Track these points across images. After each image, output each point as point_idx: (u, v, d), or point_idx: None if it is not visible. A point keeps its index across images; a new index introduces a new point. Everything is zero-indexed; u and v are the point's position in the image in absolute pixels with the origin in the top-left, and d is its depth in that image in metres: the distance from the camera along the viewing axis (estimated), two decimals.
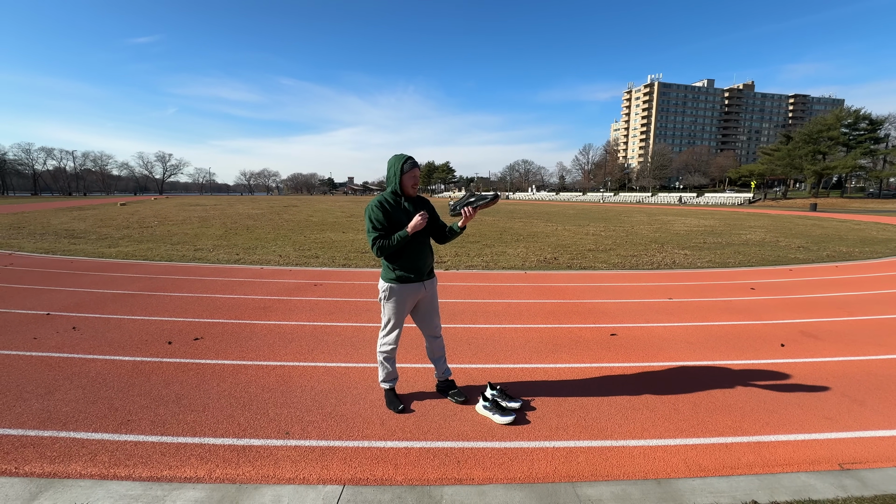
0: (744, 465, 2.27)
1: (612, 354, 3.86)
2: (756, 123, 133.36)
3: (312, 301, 5.61)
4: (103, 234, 14.13)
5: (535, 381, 3.31)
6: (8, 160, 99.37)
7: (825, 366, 3.63)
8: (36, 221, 18.74)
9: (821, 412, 2.82)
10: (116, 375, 3.29)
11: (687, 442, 2.48)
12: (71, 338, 4.09)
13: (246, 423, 2.63)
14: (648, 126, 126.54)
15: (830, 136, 56.34)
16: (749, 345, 4.13)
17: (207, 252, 10.21)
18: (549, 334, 4.40)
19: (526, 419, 2.73)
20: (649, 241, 13.46)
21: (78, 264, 8.39)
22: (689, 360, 3.73)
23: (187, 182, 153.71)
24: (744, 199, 56.87)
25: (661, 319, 4.95)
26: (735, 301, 5.83)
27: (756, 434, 2.56)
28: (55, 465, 2.21)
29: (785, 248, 11.62)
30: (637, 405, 2.92)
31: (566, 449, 2.41)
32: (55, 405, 2.81)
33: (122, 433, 2.50)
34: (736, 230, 17.23)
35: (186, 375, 3.31)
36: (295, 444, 2.42)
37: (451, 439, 2.50)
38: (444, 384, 3.05)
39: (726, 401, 2.99)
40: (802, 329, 4.61)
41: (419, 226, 2.63)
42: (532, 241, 13.00)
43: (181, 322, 4.64)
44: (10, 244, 11.36)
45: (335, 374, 3.39)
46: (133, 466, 2.21)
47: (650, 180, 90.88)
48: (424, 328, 2.93)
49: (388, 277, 2.76)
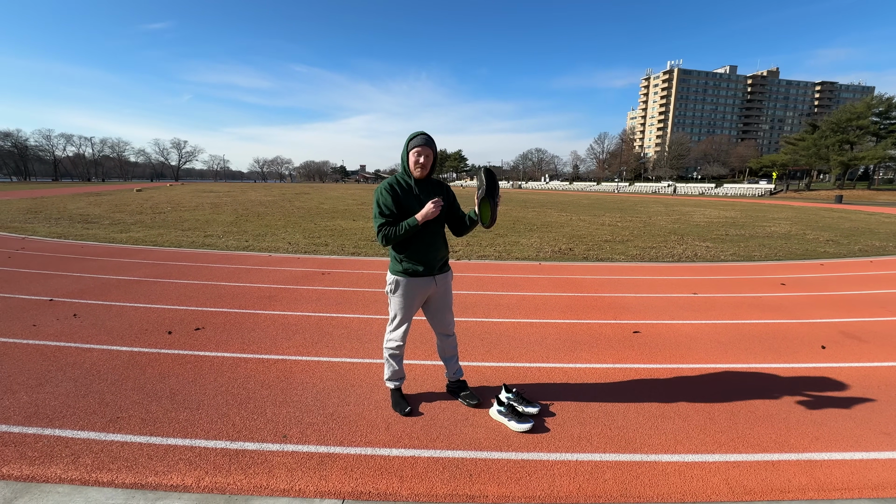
0: (795, 488, 2.00)
1: (637, 354, 3.58)
2: (780, 112, 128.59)
3: (319, 290, 5.42)
4: (116, 219, 14.19)
5: (553, 382, 3.05)
6: (30, 146, 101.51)
7: (874, 372, 3.30)
8: (53, 206, 18.98)
9: (877, 426, 2.52)
10: (111, 367, 3.13)
11: (727, 458, 2.21)
12: (70, 326, 3.97)
13: (241, 424, 2.44)
14: (666, 114, 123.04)
15: (860, 124, 53.98)
16: (786, 346, 3.81)
17: (217, 238, 10.12)
18: (568, 330, 4.13)
19: (545, 426, 2.48)
20: (668, 232, 12.99)
21: (88, 249, 8.35)
22: (722, 363, 3.43)
23: (202, 169, 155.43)
24: (765, 189, 55.13)
25: (687, 316, 4.64)
26: (766, 297, 5.46)
27: (805, 451, 2.28)
28: (34, 467, 2.04)
29: (813, 242, 11.07)
30: (668, 413, 2.65)
31: (591, 463, 2.16)
32: (44, 399, 2.66)
33: (109, 432, 2.33)
34: (759, 222, 16.58)
35: (183, 368, 3.14)
36: (292, 450, 2.22)
37: (463, 448, 2.27)
38: (455, 385, 2.82)
39: (767, 410, 2.70)
40: (843, 329, 4.26)
41: (431, 214, 2.36)
42: (546, 231, 12.64)
43: (183, 311, 4.49)
44: (24, 228, 11.44)
45: (339, 369, 3.18)
46: (117, 471, 2.03)
47: (667, 170, 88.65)
48: (435, 325, 2.68)
49: (395, 270, 2.52)
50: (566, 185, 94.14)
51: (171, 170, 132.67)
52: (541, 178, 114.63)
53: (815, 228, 14.35)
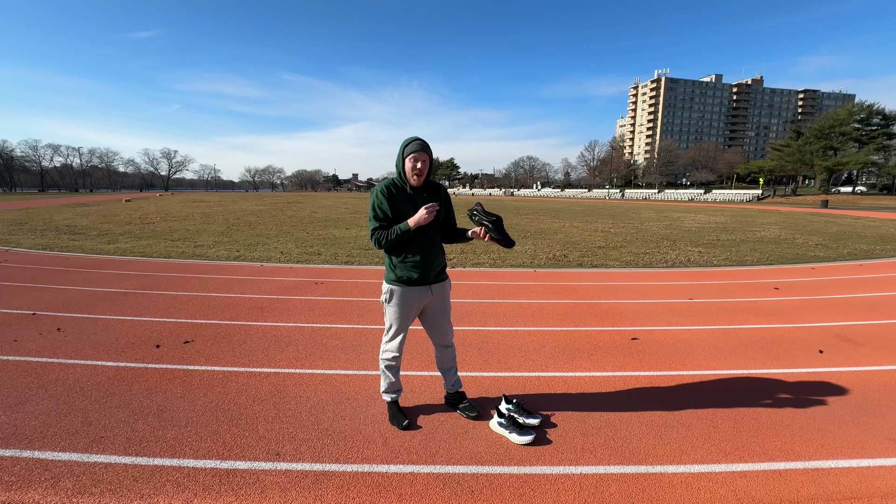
0: (804, 498, 1.95)
1: (636, 361, 3.54)
2: (765, 119, 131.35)
3: (312, 301, 5.32)
4: (104, 230, 13.94)
5: (553, 392, 2.99)
6: (15, 157, 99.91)
7: (873, 376, 3.28)
8: (39, 217, 18.62)
9: (881, 432, 2.49)
10: (96, 383, 3.01)
11: (733, 468, 2.16)
12: (53, 340, 3.83)
13: (232, 442, 2.34)
14: (655, 122, 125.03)
15: (842, 131, 55.17)
16: (784, 350, 3.79)
17: (207, 249, 9.96)
18: (565, 338, 4.08)
19: (547, 438, 2.42)
20: (661, 237, 13.07)
21: (73, 261, 8.16)
22: (721, 369, 3.40)
23: (193, 179, 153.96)
24: (752, 195, 56.00)
25: (684, 322, 4.62)
26: (761, 302, 5.47)
27: (812, 458, 2.24)
28: (11, 492, 1.93)
29: (802, 246, 11.20)
30: (670, 422, 2.60)
31: (595, 476, 2.10)
32: (23, 418, 2.54)
33: (92, 453, 2.22)
34: (749, 227, 16.77)
35: (172, 384, 3.03)
36: (286, 468, 2.13)
37: (463, 463, 2.20)
38: (453, 396, 2.74)
39: (770, 417, 2.66)
40: (839, 333, 4.26)
41: (423, 220, 2.31)
42: (540, 238, 12.65)
43: (172, 323, 4.37)
44: (8, 240, 11.17)
45: (334, 382, 3.09)
46: (100, 495, 1.92)
47: (657, 177, 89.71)
48: (433, 335, 2.62)
49: (390, 279, 2.46)
50: (558, 192, 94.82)
51: (161, 180, 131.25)
52: (532, 185, 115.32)
53: (804, 233, 14.54)
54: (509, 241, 2.45)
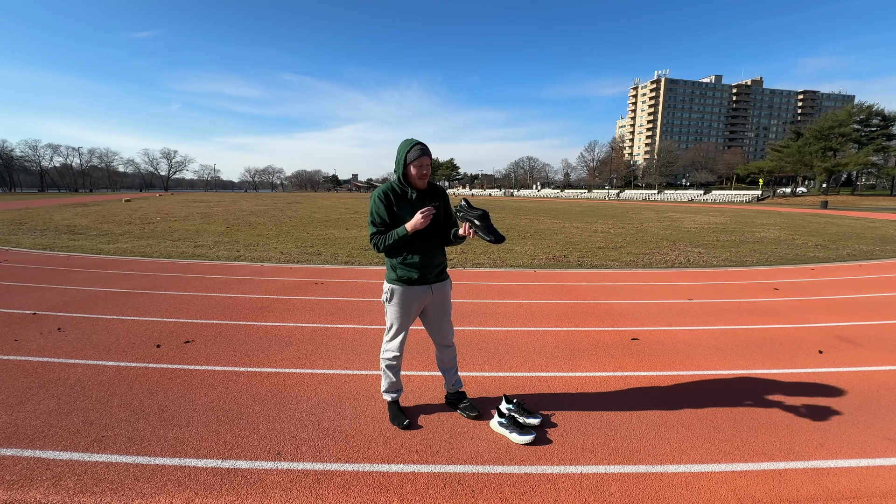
0: (804, 498, 1.95)
1: (636, 361, 3.55)
2: (764, 120, 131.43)
3: (313, 301, 5.33)
4: (104, 230, 13.94)
5: (554, 392, 3.00)
6: (15, 157, 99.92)
7: (872, 376, 3.29)
8: (38, 217, 18.62)
9: (879, 432, 2.50)
10: (97, 383, 3.01)
11: (733, 468, 2.17)
12: (54, 340, 3.83)
13: (233, 441, 2.35)
14: (655, 122, 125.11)
15: (842, 132, 55.32)
16: (783, 351, 3.80)
17: (207, 249, 9.96)
18: (566, 338, 4.09)
19: (547, 438, 2.42)
20: (660, 238, 13.08)
21: (74, 261, 8.16)
22: (721, 369, 3.41)
23: (192, 179, 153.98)
24: (752, 196, 56.07)
25: (684, 322, 4.62)
26: (760, 302, 5.48)
27: (811, 458, 2.24)
28: (12, 491, 1.93)
29: (802, 247, 11.21)
30: (670, 421, 2.61)
31: (596, 476, 2.10)
32: (24, 418, 2.54)
33: (93, 452, 2.23)
34: (749, 227, 16.79)
35: (173, 384, 3.03)
36: (286, 468, 2.13)
37: (464, 462, 2.20)
38: (454, 396, 2.75)
39: (770, 417, 2.67)
40: (838, 333, 4.27)
41: (420, 225, 2.31)
42: (540, 239, 12.66)
43: (172, 323, 4.38)
44: (8, 240, 11.17)
45: (334, 382, 3.10)
46: (101, 494, 1.93)
47: (656, 177, 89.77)
48: (434, 335, 2.62)
49: (391, 278, 2.46)
50: (557, 192, 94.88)
51: (161, 180, 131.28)
52: (532, 185, 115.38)
53: (804, 233, 14.56)
54: (498, 237, 2.33)
